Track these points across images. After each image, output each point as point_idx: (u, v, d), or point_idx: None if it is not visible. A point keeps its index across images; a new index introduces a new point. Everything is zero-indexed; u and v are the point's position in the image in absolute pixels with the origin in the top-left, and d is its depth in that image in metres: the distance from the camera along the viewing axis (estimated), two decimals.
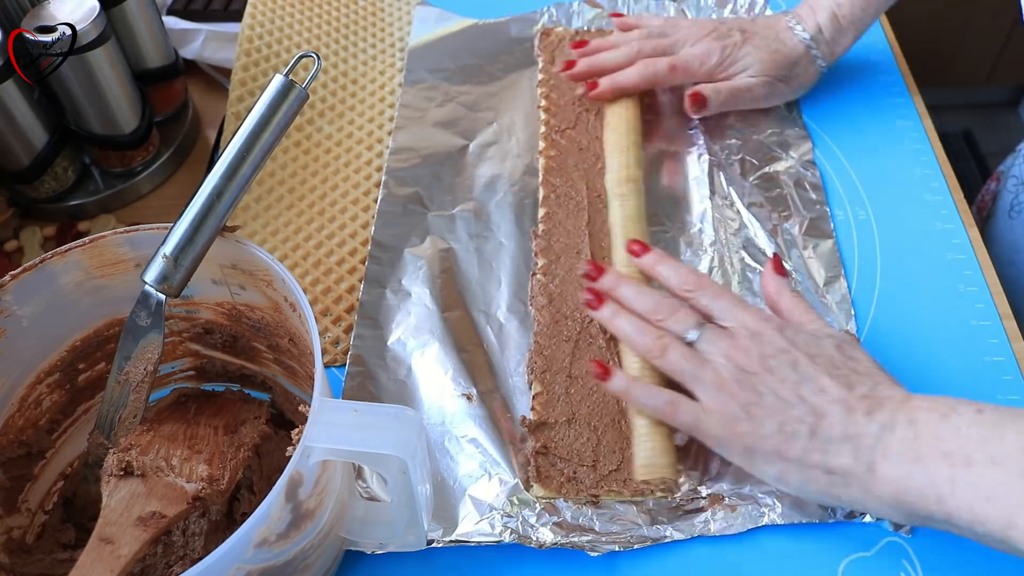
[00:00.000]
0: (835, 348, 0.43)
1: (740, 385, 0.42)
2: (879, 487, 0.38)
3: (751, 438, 0.41)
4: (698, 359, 0.44)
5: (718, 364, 0.43)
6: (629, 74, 0.62)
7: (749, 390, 0.42)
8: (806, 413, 0.40)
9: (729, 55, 0.61)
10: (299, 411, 0.37)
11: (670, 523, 0.44)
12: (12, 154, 0.58)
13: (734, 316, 0.45)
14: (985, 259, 0.55)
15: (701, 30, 0.63)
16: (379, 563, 0.44)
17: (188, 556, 0.40)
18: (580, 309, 0.52)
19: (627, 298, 0.48)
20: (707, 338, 0.44)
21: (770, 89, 0.63)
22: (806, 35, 0.62)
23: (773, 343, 0.43)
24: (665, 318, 0.46)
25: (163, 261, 0.38)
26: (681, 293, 0.47)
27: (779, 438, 0.40)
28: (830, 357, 0.42)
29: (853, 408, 0.40)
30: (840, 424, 0.40)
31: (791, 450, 0.40)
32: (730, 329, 0.44)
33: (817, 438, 0.40)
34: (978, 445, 0.36)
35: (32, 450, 0.43)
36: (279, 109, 0.39)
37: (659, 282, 0.49)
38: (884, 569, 0.43)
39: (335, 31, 0.73)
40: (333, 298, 0.55)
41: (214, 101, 0.72)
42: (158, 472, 0.39)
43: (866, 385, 0.41)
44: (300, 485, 0.34)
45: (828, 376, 0.41)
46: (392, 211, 0.59)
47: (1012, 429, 0.36)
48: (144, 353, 0.41)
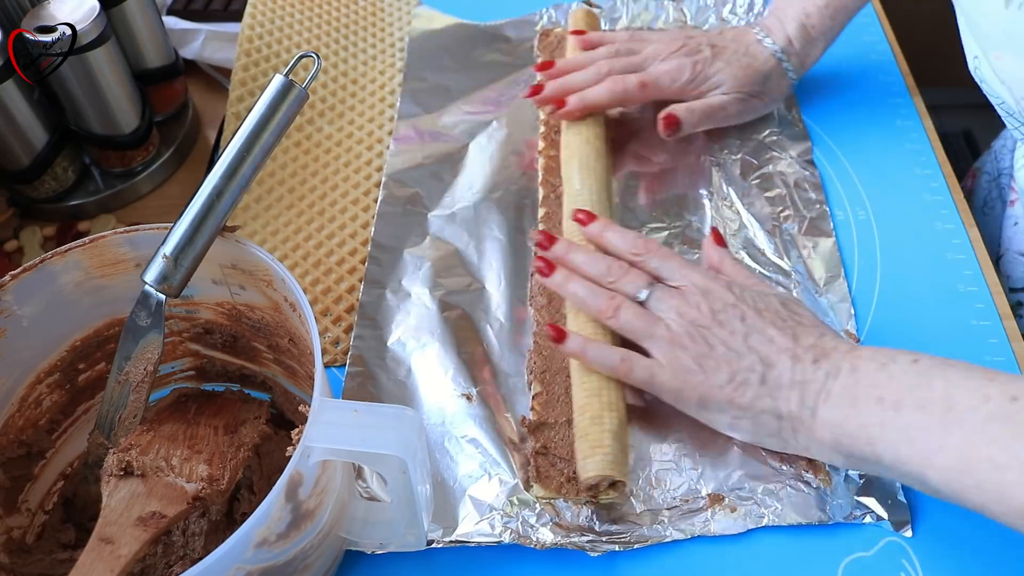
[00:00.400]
0: (780, 304, 0.45)
1: (691, 339, 0.43)
2: (820, 431, 0.40)
3: (704, 388, 0.43)
4: (650, 317, 0.45)
5: (670, 320, 0.44)
6: (598, 91, 0.60)
7: (701, 343, 0.43)
8: (756, 362, 0.42)
9: (700, 72, 0.60)
10: (299, 411, 0.37)
11: (670, 523, 0.44)
12: (12, 154, 0.58)
13: (683, 275, 0.46)
14: (985, 259, 0.55)
15: (670, 45, 0.61)
16: (379, 563, 0.44)
17: (188, 556, 0.40)
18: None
19: (578, 264, 0.49)
20: (658, 296, 0.46)
21: (743, 106, 0.61)
22: (776, 47, 0.61)
23: (722, 298, 0.44)
24: (616, 280, 0.47)
25: (163, 261, 0.38)
26: (630, 257, 0.48)
27: (731, 387, 0.42)
28: (776, 311, 0.44)
29: (800, 357, 0.42)
30: (788, 371, 0.41)
31: (742, 397, 0.42)
32: (680, 288, 0.46)
33: (767, 385, 0.42)
34: (908, 391, 0.38)
35: (32, 450, 0.43)
36: (279, 109, 0.39)
37: (608, 248, 0.50)
38: (884, 569, 0.43)
39: (335, 31, 0.73)
40: (333, 298, 0.55)
41: (214, 101, 0.72)
42: (158, 472, 0.39)
43: (812, 336, 0.43)
44: (300, 485, 0.34)
45: (775, 328, 0.43)
46: (392, 211, 0.59)
47: (940, 377, 0.38)
48: (144, 353, 0.41)
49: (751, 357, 0.42)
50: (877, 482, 0.44)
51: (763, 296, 0.45)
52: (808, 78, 0.64)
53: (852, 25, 0.62)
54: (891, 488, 0.44)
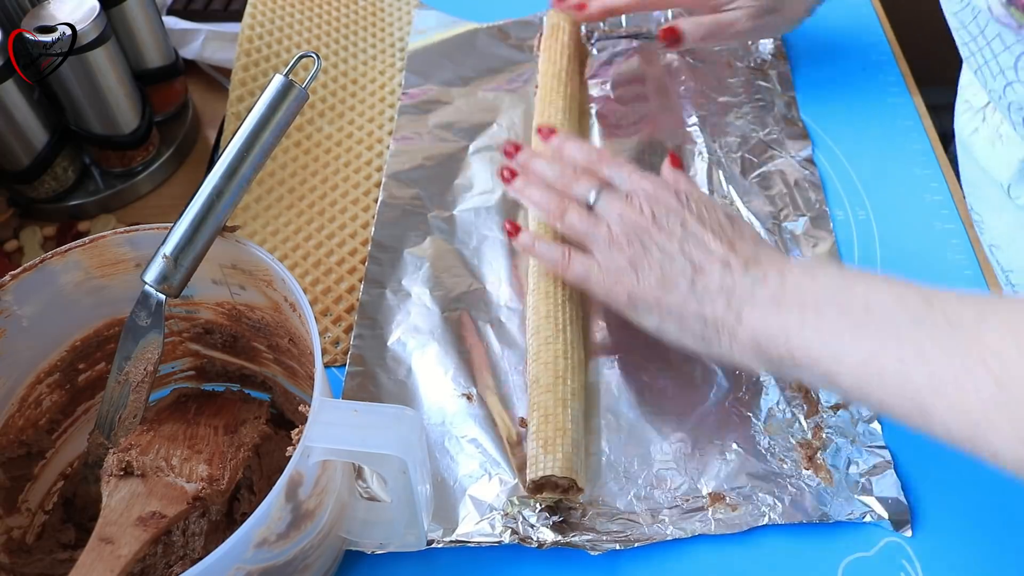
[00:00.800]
0: (725, 216, 0.45)
1: (629, 240, 0.45)
2: (743, 334, 0.41)
3: (634, 289, 0.44)
4: (594, 219, 0.47)
5: (612, 222, 0.46)
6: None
7: (637, 244, 0.45)
8: (687, 267, 0.43)
9: None
10: (299, 411, 0.37)
11: (671, 522, 0.44)
12: (12, 154, 0.58)
13: (632, 181, 0.47)
14: (985, 260, 0.55)
15: None
16: (379, 563, 0.44)
17: (188, 556, 0.40)
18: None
19: (537, 170, 0.51)
20: (605, 200, 0.47)
21: (756, 22, 0.61)
22: None
23: (666, 204, 0.45)
24: (568, 184, 0.49)
25: (163, 261, 0.38)
26: (587, 166, 0.50)
27: (660, 289, 0.43)
28: (719, 222, 0.45)
29: (731, 265, 0.42)
30: (718, 278, 0.42)
31: (670, 300, 0.43)
32: (628, 193, 0.47)
33: (695, 290, 0.42)
34: (831, 296, 0.39)
35: (32, 450, 0.43)
36: (279, 109, 0.39)
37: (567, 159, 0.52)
38: (884, 569, 0.43)
39: (335, 31, 0.73)
40: (333, 298, 0.55)
41: (214, 101, 0.72)
42: (158, 472, 0.39)
43: (749, 249, 0.43)
44: (300, 485, 0.34)
45: (714, 236, 0.44)
46: (392, 212, 0.59)
47: (863, 284, 0.38)
48: (144, 353, 0.41)
49: (683, 261, 0.43)
50: (878, 482, 0.44)
51: (709, 207, 0.46)
52: (808, 78, 0.64)
53: (852, 25, 0.62)
54: (892, 488, 0.44)
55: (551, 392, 0.46)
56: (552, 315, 0.49)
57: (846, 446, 0.46)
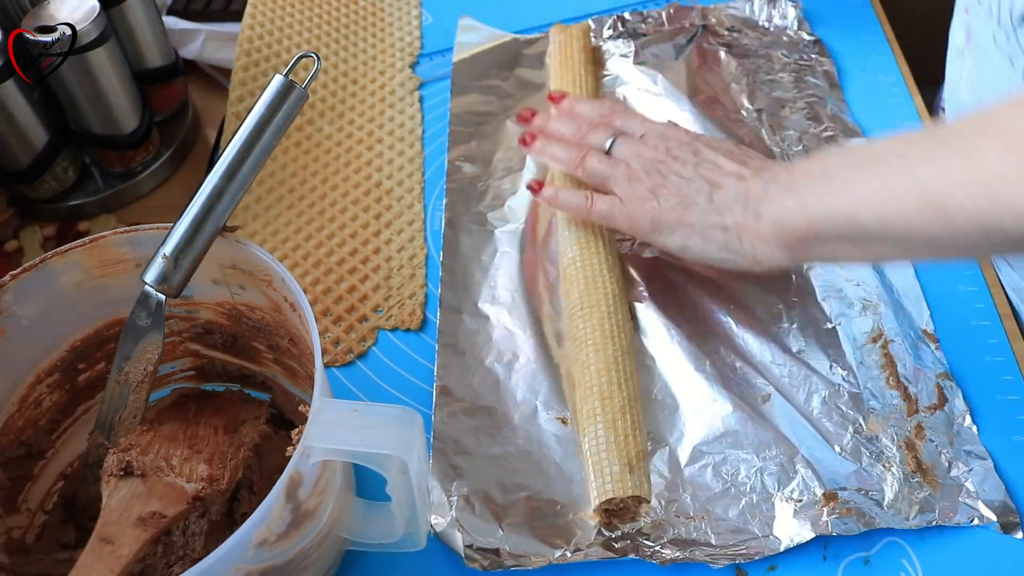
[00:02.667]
0: (734, 144, 0.49)
1: (647, 173, 0.48)
2: (763, 228, 0.43)
3: (656, 213, 0.47)
4: (612, 160, 0.51)
5: (630, 160, 0.50)
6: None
7: (655, 175, 0.48)
8: (703, 185, 0.46)
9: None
10: (299, 411, 0.37)
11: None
12: (12, 154, 0.58)
13: (645, 126, 0.52)
14: (985, 259, 0.55)
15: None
16: (379, 563, 0.44)
17: (188, 556, 0.40)
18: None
19: (554, 130, 0.55)
20: (620, 143, 0.51)
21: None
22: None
23: (678, 139, 0.50)
24: (584, 136, 0.53)
25: (163, 261, 0.38)
26: (601, 120, 0.54)
27: (681, 209, 0.46)
28: (729, 148, 0.49)
29: (745, 176, 0.45)
30: (733, 189, 0.45)
31: (691, 216, 0.46)
32: (642, 136, 0.51)
33: (713, 203, 0.45)
34: (837, 160, 0.41)
35: (32, 450, 0.44)
36: (279, 109, 0.39)
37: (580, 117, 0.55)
38: (884, 569, 0.43)
39: (335, 31, 0.73)
40: (333, 298, 0.55)
41: (214, 101, 0.71)
42: (158, 472, 0.39)
43: (759, 162, 0.47)
44: (300, 485, 0.34)
45: (725, 157, 0.47)
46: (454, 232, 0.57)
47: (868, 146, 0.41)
48: (144, 353, 0.41)
49: (699, 181, 0.46)
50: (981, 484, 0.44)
51: (718, 140, 0.50)
52: None
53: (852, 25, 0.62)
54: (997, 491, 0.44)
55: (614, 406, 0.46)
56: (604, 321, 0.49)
57: (945, 448, 0.45)
